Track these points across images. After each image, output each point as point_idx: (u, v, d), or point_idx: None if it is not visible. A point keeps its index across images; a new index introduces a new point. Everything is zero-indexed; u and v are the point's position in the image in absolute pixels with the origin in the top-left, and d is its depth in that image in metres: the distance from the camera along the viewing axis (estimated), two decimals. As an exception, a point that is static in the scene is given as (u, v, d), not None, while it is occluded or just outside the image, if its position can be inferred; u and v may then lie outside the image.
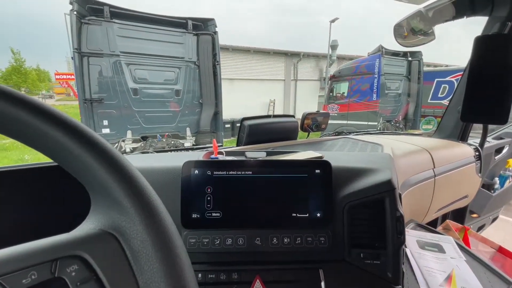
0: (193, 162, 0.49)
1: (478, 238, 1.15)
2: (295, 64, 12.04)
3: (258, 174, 0.50)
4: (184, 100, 4.48)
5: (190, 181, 0.48)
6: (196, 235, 0.48)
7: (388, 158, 0.65)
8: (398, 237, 0.49)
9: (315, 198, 0.49)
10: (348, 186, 0.53)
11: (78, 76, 3.77)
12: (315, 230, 0.50)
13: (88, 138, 0.26)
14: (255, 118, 1.00)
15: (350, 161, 0.59)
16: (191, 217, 0.48)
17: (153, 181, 0.53)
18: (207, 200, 0.49)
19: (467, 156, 1.25)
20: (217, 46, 4.33)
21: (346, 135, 1.39)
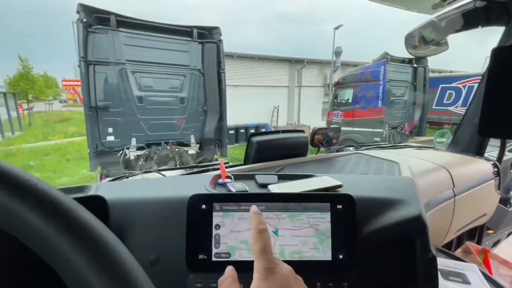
0: (199, 196, 0.44)
1: (499, 260, 1.08)
2: (299, 71, 12.04)
3: (273, 210, 0.45)
4: (188, 108, 4.47)
5: (196, 217, 0.44)
6: (203, 279, 0.43)
7: (412, 184, 0.60)
8: (429, 282, 0.43)
9: (338, 238, 0.44)
10: (372, 222, 0.48)
11: (84, 84, 3.78)
12: (337, 274, 0.44)
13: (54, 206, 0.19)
14: (263, 134, 0.96)
15: (371, 189, 0.54)
16: (198, 258, 0.43)
17: (156, 215, 0.48)
18: (215, 239, 0.44)
19: (486, 173, 1.19)
20: (222, 54, 4.33)
21: (356, 149, 1.33)
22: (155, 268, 0.45)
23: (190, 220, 0.44)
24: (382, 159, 1.01)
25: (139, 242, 0.46)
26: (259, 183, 0.62)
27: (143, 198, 0.49)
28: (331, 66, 11.46)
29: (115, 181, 0.76)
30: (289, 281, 0.32)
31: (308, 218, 0.45)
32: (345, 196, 0.45)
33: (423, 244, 0.44)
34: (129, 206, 0.48)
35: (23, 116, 13.52)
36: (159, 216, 0.47)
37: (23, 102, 16.48)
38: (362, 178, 0.66)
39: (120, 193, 0.52)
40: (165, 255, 0.45)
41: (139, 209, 0.48)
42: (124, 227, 0.46)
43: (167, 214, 0.47)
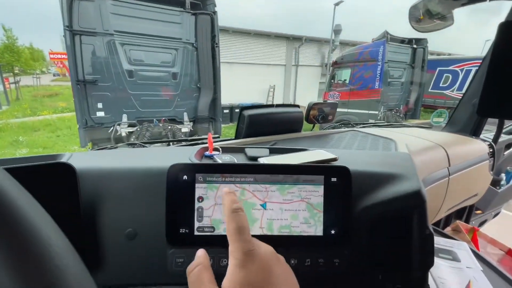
0: (180, 165, 0.40)
1: (487, 240, 1.09)
2: (297, 49, 11.70)
3: (261, 182, 0.41)
4: (181, 84, 4.32)
5: (177, 189, 0.40)
6: (184, 254, 0.40)
7: (410, 160, 0.57)
8: (425, 259, 0.41)
9: (330, 213, 0.41)
10: (368, 197, 0.44)
11: (70, 56, 3.59)
12: (328, 250, 0.42)
13: None
14: (256, 107, 0.90)
15: (368, 164, 0.50)
16: (178, 232, 0.40)
17: (133, 187, 0.44)
18: (198, 212, 0.40)
19: (481, 153, 1.17)
20: (216, 27, 4.12)
21: (352, 126, 1.30)
22: (132, 243, 0.41)
23: (170, 191, 0.40)
24: (379, 136, 0.98)
25: (115, 215, 0.42)
26: (249, 156, 0.58)
27: (120, 168, 0.45)
28: (330, 45, 11.15)
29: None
30: (271, 265, 0.28)
31: (300, 191, 0.41)
32: (340, 169, 0.42)
33: (420, 220, 0.41)
34: (104, 176, 0.43)
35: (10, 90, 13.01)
36: (137, 187, 0.43)
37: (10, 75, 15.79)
38: (358, 153, 0.62)
39: (95, 162, 0.47)
40: (143, 229, 0.42)
41: (114, 179, 0.43)
42: (98, 199, 0.42)
43: (146, 186, 0.43)
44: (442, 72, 9.83)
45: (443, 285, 0.65)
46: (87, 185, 0.42)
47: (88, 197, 0.41)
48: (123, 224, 0.42)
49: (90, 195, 0.42)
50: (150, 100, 4.24)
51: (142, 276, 0.41)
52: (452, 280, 0.67)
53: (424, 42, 7.08)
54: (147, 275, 0.41)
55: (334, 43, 11.18)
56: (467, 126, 1.34)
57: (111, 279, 0.41)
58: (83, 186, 0.41)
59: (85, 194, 0.41)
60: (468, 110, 1.35)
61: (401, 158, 0.57)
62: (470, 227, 1.08)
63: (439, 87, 9.95)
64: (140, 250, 0.41)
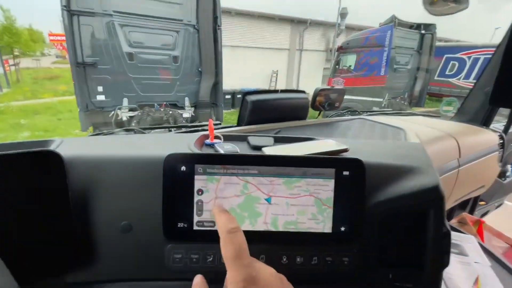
0: (178, 155, 0.36)
1: (493, 232, 1.08)
2: (301, 33, 11.36)
3: (266, 174, 0.38)
4: (182, 68, 4.22)
5: (175, 181, 0.37)
6: (183, 249, 0.38)
7: (424, 151, 0.53)
8: (441, 258, 0.39)
9: (341, 208, 0.38)
10: (381, 191, 0.41)
11: (69, 37, 3.49)
12: (337, 248, 0.39)
13: None
14: (259, 92, 0.86)
15: (381, 155, 0.47)
16: (176, 226, 0.37)
17: (128, 177, 0.41)
18: (197, 206, 0.37)
19: (491, 144, 1.13)
20: (219, 8, 3.97)
21: (358, 114, 1.25)
22: (127, 237, 0.39)
23: (167, 183, 0.37)
24: (387, 125, 0.93)
25: (108, 207, 0.39)
26: (252, 145, 0.54)
27: (113, 156, 0.41)
28: (335, 29, 10.82)
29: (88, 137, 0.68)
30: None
31: (308, 185, 0.38)
32: (353, 161, 0.38)
33: (437, 217, 0.38)
34: (96, 165, 0.40)
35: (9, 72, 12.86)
36: (132, 177, 0.40)
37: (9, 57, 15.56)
38: (369, 143, 0.58)
39: (86, 150, 0.44)
40: (139, 222, 0.39)
41: (108, 169, 0.40)
42: (89, 190, 0.39)
43: (142, 176, 0.40)
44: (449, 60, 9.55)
45: (450, 280, 0.63)
46: (77, 175, 0.39)
47: (79, 187, 0.38)
48: (117, 216, 0.39)
49: (81, 185, 0.39)
50: (151, 84, 4.17)
51: (137, 271, 0.39)
52: (459, 275, 0.65)
53: (433, 27, 6.84)
54: (143, 270, 0.39)
55: (340, 27, 10.84)
56: (478, 115, 1.29)
57: (105, 274, 0.39)
58: (72, 176, 0.38)
59: (75, 184, 0.38)
60: (479, 99, 1.30)
61: (415, 149, 0.53)
62: (476, 219, 1.06)
63: (446, 75, 9.71)
64: (136, 244, 0.39)
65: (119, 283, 0.39)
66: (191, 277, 0.36)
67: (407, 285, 0.40)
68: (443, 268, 0.39)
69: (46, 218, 0.36)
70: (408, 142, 0.73)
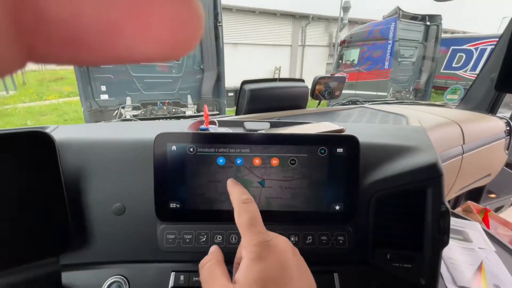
0: (168, 134, 0.36)
1: (499, 221, 1.05)
2: (303, 28, 11.26)
3: (258, 152, 0.37)
4: (184, 66, 4.23)
5: (166, 161, 0.36)
6: (176, 229, 0.37)
7: (423, 132, 0.52)
8: (440, 237, 0.37)
9: (335, 187, 0.37)
10: (378, 170, 0.40)
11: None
12: (332, 227, 0.38)
13: None
14: (257, 81, 0.85)
15: (378, 136, 0.46)
16: (168, 206, 0.37)
17: (120, 159, 0.41)
18: (189, 186, 0.37)
19: (497, 131, 1.11)
20: (219, 5, 3.96)
21: (361, 104, 1.23)
22: (121, 219, 0.39)
23: (158, 163, 0.36)
24: (389, 112, 0.92)
25: (101, 190, 0.39)
26: (248, 129, 0.54)
27: (106, 140, 0.41)
28: (338, 23, 10.69)
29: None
30: (288, 257, 0.25)
31: (301, 164, 0.37)
32: (347, 138, 0.37)
33: (436, 196, 0.37)
34: (88, 148, 0.40)
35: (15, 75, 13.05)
36: (124, 159, 0.40)
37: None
38: (367, 126, 0.57)
39: (79, 134, 0.44)
40: (132, 204, 0.39)
41: (100, 151, 0.40)
42: (82, 172, 0.39)
43: (134, 158, 0.40)
44: (455, 52, 9.37)
45: (453, 266, 0.62)
46: (70, 158, 0.39)
47: (72, 170, 0.38)
48: (110, 199, 0.39)
49: (74, 168, 0.39)
50: (153, 82, 4.19)
51: (131, 252, 0.39)
52: (463, 261, 0.64)
53: (438, 19, 6.70)
54: (137, 252, 0.39)
55: (342, 21, 10.72)
56: (483, 102, 1.26)
57: (99, 256, 0.39)
58: (65, 158, 0.38)
59: (68, 167, 0.38)
60: (485, 85, 1.27)
61: (414, 131, 0.52)
62: (482, 208, 1.04)
63: (452, 67, 9.53)
64: (129, 226, 0.39)
65: (113, 265, 0.39)
66: (184, 258, 0.36)
67: (405, 265, 0.39)
68: (443, 247, 0.38)
69: (40, 200, 0.36)
70: (408, 125, 0.71)
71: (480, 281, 0.58)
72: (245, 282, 0.23)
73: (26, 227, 0.36)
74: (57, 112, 8.40)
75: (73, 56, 0.08)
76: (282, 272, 0.24)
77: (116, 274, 0.39)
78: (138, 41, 0.09)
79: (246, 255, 0.25)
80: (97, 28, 0.08)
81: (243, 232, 0.26)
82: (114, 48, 0.08)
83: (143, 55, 0.09)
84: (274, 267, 0.24)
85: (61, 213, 0.37)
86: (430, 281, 0.39)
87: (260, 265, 0.24)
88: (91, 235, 0.39)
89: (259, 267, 0.24)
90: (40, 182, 0.36)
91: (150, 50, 0.09)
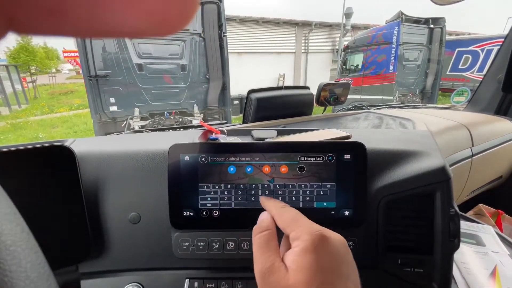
0: (181, 145, 0.37)
1: (513, 224, 1.03)
2: (306, 35, 11.37)
3: (267, 161, 0.38)
4: (190, 76, 4.32)
5: (179, 170, 0.38)
6: (190, 237, 0.39)
7: (430, 137, 0.52)
8: (451, 241, 0.38)
9: (343, 192, 0.38)
10: (385, 175, 0.41)
11: (81, 52, 3.65)
12: (342, 232, 0.39)
13: None
14: (263, 90, 0.87)
15: (384, 141, 0.47)
16: (182, 215, 0.38)
17: (135, 170, 0.43)
18: (202, 194, 0.38)
19: (507, 133, 1.09)
20: (223, 16, 4.05)
21: (366, 109, 1.24)
22: (136, 227, 0.40)
23: (172, 173, 0.38)
24: (395, 116, 0.92)
25: (118, 199, 0.41)
26: (256, 138, 0.55)
27: (121, 151, 0.43)
28: (341, 29, 10.76)
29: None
30: (343, 253, 0.25)
31: (310, 171, 0.38)
32: (354, 145, 0.38)
33: (445, 199, 0.38)
34: (105, 160, 0.42)
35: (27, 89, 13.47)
36: (140, 170, 0.42)
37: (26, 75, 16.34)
38: (373, 131, 0.58)
39: (96, 146, 0.46)
40: (148, 212, 0.41)
41: (116, 162, 0.42)
42: (100, 183, 0.41)
43: (148, 168, 0.42)
44: (461, 53, 9.29)
45: (467, 270, 0.61)
46: (89, 169, 0.41)
47: (90, 181, 0.40)
48: (126, 208, 0.40)
49: (92, 179, 0.41)
50: (160, 93, 4.28)
51: (147, 260, 0.40)
52: (476, 265, 0.63)
53: (442, 21, 6.68)
54: (152, 259, 0.40)
55: (345, 27, 10.79)
56: (491, 104, 1.25)
57: (116, 264, 0.41)
58: (84, 170, 0.40)
59: (87, 178, 0.40)
60: (492, 87, 1.26)
61: (421, 136, 0.53)
62: (494, 211, 1.02)
63: (458, 69, 9.43)
64: (145, 234, 0.40)
65: (130, 272, 0.41)
66: (197, 265, 0.37)
67: (417, 270, 0.39)
68: (454, 251, 0.38)
69: (61, 211, 0.38)
70: (414, 130, 0.71)
71: (495, 286, 0.57)
72: (297, 268, 0.23)
73: (48, 237, 0.38)
74: (67, 124, 8.62)
75: (55, 27, 0.08)
76: (334, 265, 0.24)
77: (132, 282, 0.40)
78: (125, 12, 0.08)
79: (298, 244, 0.25)
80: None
81: (290, 227, 0.26)
82: (98, 19, 0.08)
83: (131, 28, 0.08)
84: (328, 259, 0.23)
85: (80, 223, 0.39)
86: (443, 286, 0.39)
87: (313, 255, 0.23)
88: (108, 244, 0.40)
89: (313, 256, 0.23)
90: (61, 193, 0.38)
91: (140, 23, 0.08)
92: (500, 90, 1.19)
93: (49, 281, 0.15)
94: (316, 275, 0.22)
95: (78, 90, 16.84)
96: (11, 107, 10.30)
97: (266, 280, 0.24)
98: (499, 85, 1.19)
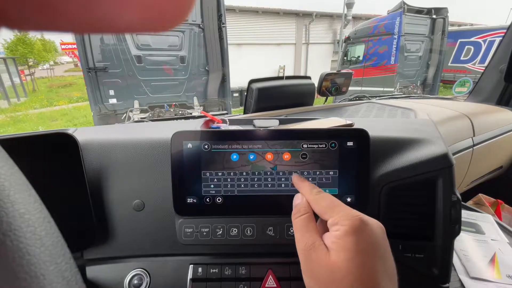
0: (184, 133, 0.37)
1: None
2: (307, 26, 11.21)
3: (270, 148, 0.38)
4: (189, 68, 4.28)
5: (182, 158, 0.38)
6: (193, 223, 0.39)
7: (432, 125, 0.52)
8: (451, 227, 0.38)
9: (346, 179, 0.38)
10: (388, 162, 0.41)
11: (79, 44, 3.61)
12: None
13: None
14: (264, 80, 0.86)
15: (387, 129, 0.47)
16: (186, 202, 0.38)
17: (139, 157, 0.43)
18: (205, 181, 0.38)
19: (508, 123, 1.09)
20: (223, 6, 3.99)
21: (368, 99, 1.23)
22: (140, 214, 0.41)
23: (175, 160, 0.38)
24: (397, 106, 0.92)
25: (121, 187, 0.41)
26: (257, 127, 0.55)
27: (124, 139, 0.43)
28: (342, 19, 10.61)
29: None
30: (382, 239, 0.26)
31: (313, 158, 0.38)
32: (357, 132, 0.38)
33: (447, 185, 0.38)
34: (108, 148, 0.42)
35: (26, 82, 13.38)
36: (142, 158, 0.42)
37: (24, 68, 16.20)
38: (375, 121, 0.58)
39: (99, 135, 0.46)
40: (151, 200, 0.41)
41: (119, 151, 0.42)
42: (103, 171, 0.41)
43: (151, 156, 0.42)
44: (463, 44, 9.17)
45: (466, 257, 0.62)
46: (92, 157, 0.41)
47: (94, 169, 0.40)
48: (130, 195, 0.41)
49: (95, 167, 0.41)
50: (160, 85, 4.25)
51: (151, 246, 0.41)
52: (476, 253, 0.64)
53: (444, 11, 6.58)
54: (157, 246, 0.41)
55: (346, 17, 10.63)
56: (493, 94, 1.24)
57: (121, 250, 0.41)
58: (87, 158, 0.40)
59: (90, 166, 0.40)
60: (494, 77, 1.25)
61: (423, 124, 0.52)
62: (494, 200, 1.03)
63: (460, 60, 9.33)
64: (149, 221, 0.41)
65: (135, 258, 0.41)
66: (201, 251, 0.37)
67: (417, 256, 0.40)
68: (454, 237, 0.39)
69: (65, 198, 0.38)
70: (416, 119, 0.71)
71: (494, 272, 0.58)
72: (338, 248, 0.24)
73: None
74: (67, 117, 8.60)
75: (48, 22, 0.08)
76: (374, 248, 0.24)
77: (137, 267, 0.41)
78: (120, 6, 0.07)
79: (338, 228, 0.25)
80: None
81: (330, 213, 0.27)
82: (92, 14, 0.07)
83: (126, 23, 0.08)
84: (367, 242, 0.24)
85: (85, 210, 0.39)
86: (443, 271, 0.39)
87: (353, 237, 0.24)
88: (113, 231, 0.41)
89: (353, 238, 0.24)
90: (65, 181, 0.38)
91: (134, 17, 0.08)
92: (502, 80, 1.18)
93: (63, 250, 0.15)
94: (358, 255, 0.24)
95: (77, 82, 16.73)
96: (10, 101, 10.25)
97: (309, 257, 0.26)
98: (501, 75, 1.18)
